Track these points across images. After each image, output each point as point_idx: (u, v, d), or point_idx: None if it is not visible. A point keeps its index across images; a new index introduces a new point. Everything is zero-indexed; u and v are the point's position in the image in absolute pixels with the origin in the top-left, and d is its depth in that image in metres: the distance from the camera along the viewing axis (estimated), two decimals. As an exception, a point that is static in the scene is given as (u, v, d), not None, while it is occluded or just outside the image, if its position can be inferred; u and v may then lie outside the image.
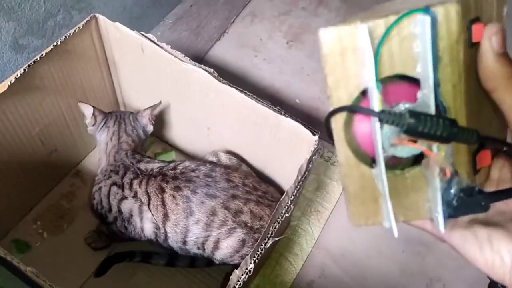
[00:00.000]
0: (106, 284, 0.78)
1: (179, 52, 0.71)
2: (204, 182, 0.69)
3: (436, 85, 0.26)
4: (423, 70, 0.26)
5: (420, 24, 0.26)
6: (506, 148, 0.29)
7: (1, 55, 0.78)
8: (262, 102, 0.68)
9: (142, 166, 0.75)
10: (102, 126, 0.80)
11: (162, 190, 0.69)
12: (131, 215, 0.70)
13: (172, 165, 0.74)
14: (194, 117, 0.82)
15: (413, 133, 0.26)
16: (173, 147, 0.96)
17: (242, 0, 1.32)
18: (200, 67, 0.69)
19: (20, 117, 0.69)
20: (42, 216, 0.85)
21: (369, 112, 0.27)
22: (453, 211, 0.28)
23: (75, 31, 0.69)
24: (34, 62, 0.64)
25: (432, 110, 0.26)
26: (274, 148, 0.72)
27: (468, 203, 0.28)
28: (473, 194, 0.28)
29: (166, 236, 0.70)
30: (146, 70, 0.79)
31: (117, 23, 0.73)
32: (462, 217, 0.29)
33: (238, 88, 0.68)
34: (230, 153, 0.80)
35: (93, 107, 0.78)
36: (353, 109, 0.28)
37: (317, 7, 1.35)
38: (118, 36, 0.74)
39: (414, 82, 0.27)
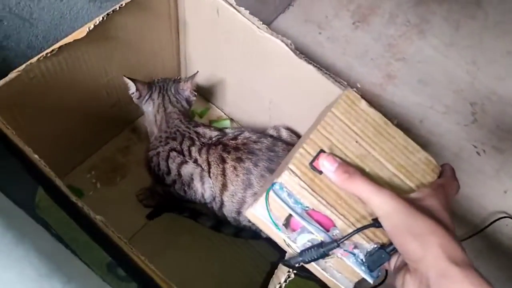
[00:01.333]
0: (153, 240, 0.79)
1: (257, 19, 0.68)
2: (266, 156, 0.68)
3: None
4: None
5: (274, 194, 0.45)
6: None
7: (76, 2, 0.78)
8: (340, 82, 0.65)
9: (200, 130, 0.74)
10: (148, 99, 0.79)
11: (223, 160, 0.69)
12: (192, 179, 0.70)
13: (231, 134, 0.73)
14: (257, 88, 0.80)
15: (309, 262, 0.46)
16: (228, 116, 0.95)
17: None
18: (278, 37, 0.66)
19: (91, 65, 0.69)
20: (97, 166, 0.86)
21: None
22: (370, 268, 0.44)
23: (154, -15, 0.67)
24: (113, 11, 0.63)
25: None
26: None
27: (375, 259, 0.44)
28: (374, 253, 0.44)
29: (222, 204, 0.70)
30: (217, 34, 0.77)
31: (196, -18, 0.71)
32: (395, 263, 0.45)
33: (315, 64, 0.66)
34: (289, 129, 0.78)
35: (134, 81, 0.77)
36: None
37: (389, -11, 1.28)
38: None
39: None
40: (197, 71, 0.80)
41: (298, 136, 0.78)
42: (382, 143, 0.48)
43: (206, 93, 0.96)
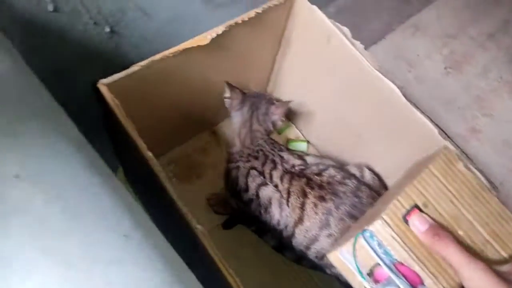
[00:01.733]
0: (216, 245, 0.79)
1: (369, 53, 0.67)
2: (350, 201, 0.67)
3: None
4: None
5: (364, 241, 0.45)
6: None
7: (192, 3, 0.80)
8: (440, 132, 0.63)
9: (285, 156, 0.74)
10: (237, 110, 0.80)
11: (305, 195, 0.68)
12: (270, 204, 0.70)
13: (315, 168, 0.72)
14: (348, 121, 0.79)
15: None
16: (305, 138, 0.95)
17: (409, 9, 1.25)
18: (389, 79, 0.66)
19: (201, 70, 0.71)
20: (176, 161, 0.88)
21: None
22: None
23: (275, 4, 0.68)
24: (235, 23, 0.65)
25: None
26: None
27: None
28: None
29: (292, 235, 0.70)
30: (320, 59, 0.77)
31: (314, 6, 0.71)
32: None
33: (420, 109, 0.64)
34: (372, 171, 0.77)
35: (232, 88, 0.78)
36: None
37: (486, 40, 1.24)
38: (308, 18, 0.73)
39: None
40: (292, 100, 0.79)
41: (381, 180, 0.76)
42: (477, 207, 0.48)
43: (289, 112, 0.96)
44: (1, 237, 0.31)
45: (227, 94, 0.79)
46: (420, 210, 0.47)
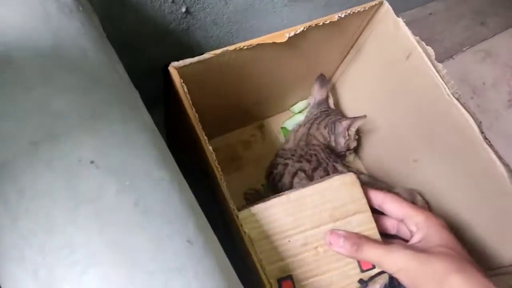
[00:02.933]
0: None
1: (452, 82, 0.63)
2: None
3: None
4: None
5: None
6: None
7: None
8: (506, 165, 0.59)
9: (339, 167, 0.71)
10: (312, 106, 0.79)
11: None
12: None
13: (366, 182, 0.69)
14: (407, 141, 0.76)
15: None
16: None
17: (484, 32, 1.18)
18: (466, 109, 0.61)
19: (268, 65, 0.69)
20: (219, 149, 0.87)
21: None
22: None
23: (359, 10, 0.65)
24: (315, 25, 0.62)
25: None
26: (488, 229, 0.64)
27: None
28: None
29: None
30: (392, 76, 0.73)
31: (400, 19, 0.67)
32: None
33: (488, 141, 0.60)
34: (423, 197, 0.73)
35: (323, 82, 0.78)
36: None
37: (561, 77, 1.16)
38: (390, 30, 0.69)
39: None
40: (365, 116, 0.74)
41: (430, 209, 0.72)
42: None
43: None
44: (69, 224, 0.30)
45: (317, 85, 0.79)
46: None
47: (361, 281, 0.52)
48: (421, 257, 0.46)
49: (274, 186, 0.75)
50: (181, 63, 0.55)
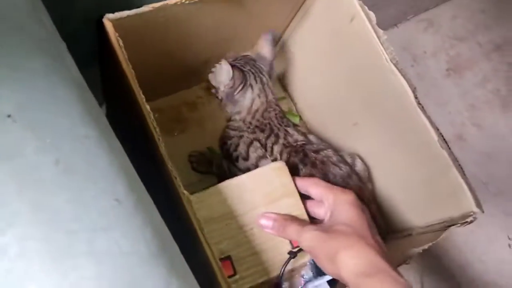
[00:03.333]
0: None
1: (392, 48, 0.65)
2: (338, 185, 0.66)
3: None
4: None
5: None
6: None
7: None
8: (443, 142, 0.63)
9: (290, 130, 0.72)
10: (243, 87, 0.72)
11: (296, 170, 0.67)
12: None
13: (315, 146, 0.71)
14: (348, 107, 0.78)
15: None
16: (299, 113, 0.93)
17: (427, 3, 1.22)
18: (403, 75, 0.64)
19: (212, 22, 0.67)
20: (162, 110, 0.85)
21: None
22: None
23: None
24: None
25: None
26: (419, 192, 0.68)
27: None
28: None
29: None
30: (336, 38, 0.74)
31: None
32: None
33: (424, 112, 0.63)
34: (363, 161, 0.76)
35: (232, 66, 0.69)
36: None
37: (492, 50, 1.23)
38: (336, -6, 0.69)
39: None
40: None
41: (369, 172, 0.76)
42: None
43: (287, 82, 0.93)
44: (-17, 183, 0.28)
45: (228, 75, 0.70)
46: None
47: (290, 252, 0.57)
48: (322, 236, 0.50)
49: (229, 156, 0.74)
50: (117, 15, 0.52)
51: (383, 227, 0.72)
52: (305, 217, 0.59)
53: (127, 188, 0.34)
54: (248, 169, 0.71)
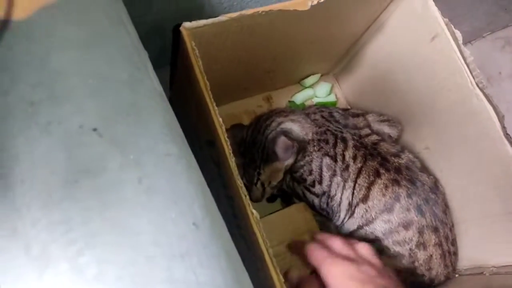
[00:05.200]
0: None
1: (478, 70, 0.60)
2: (425, 195, 0.63)
3: None
4: None
5: None
6: None
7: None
8: None
9: (350, 122, 0.71)
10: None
11: (378, 175, 0.64)
12: (336, 191, 0.67)
13: (393, 149, 0.67)
14: (418, 129, 0.73)
15: None
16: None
17: (507, 19, 1.13)
18: (489, 101, 0.58)
19: (284, 33, 0.64)
20: (223, 118, 0.83)
21: None
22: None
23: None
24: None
25: None
26: (497, 227, 0.62)
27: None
28: None
29: (351, 216, 0.66)
30: (412, 57, 0.69)
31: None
32: None
33: (509, 136, 0.58)
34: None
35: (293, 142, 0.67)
36: None
37: None
38: (417, 9, 0.64)
39: None
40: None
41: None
42: None
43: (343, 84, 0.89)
44: (66, 198, 0.27)
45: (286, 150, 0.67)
46: None
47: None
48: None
49: (303, 181, 0.71)
50: (194, 24, 0.51)
51: (453, 263, 0.66)
52: None
53: (204, 211, 0.32)
54: (323, 193, 0.68)
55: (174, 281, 0.28)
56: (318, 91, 0.89)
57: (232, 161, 0.47)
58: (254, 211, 0.45)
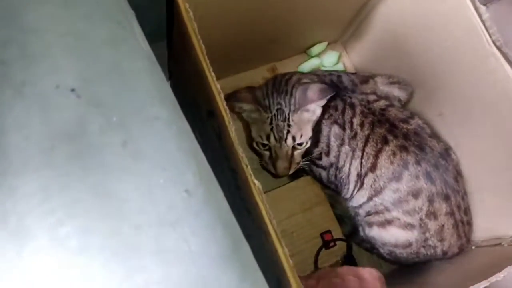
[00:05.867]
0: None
1: (495, 28, 0.55)
2: (434, 161, 0.60)
3: None
4: None
5: None
6: None
7: None
8: None
9: (358, 87, 0.67)
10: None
11: (385, 141, 0.61)
12: (344, 162, 0.64)
13: (401, 115, 0.64)
14: (431, 94, 0.69)
15: None
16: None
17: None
18: (507, 60, 0.54)
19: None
20: (226, 91, 0.80)
21: None
22: None
23: None
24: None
25: None
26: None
27: None
28: None
29: (360, 187, 0.64)
30: (423, 17, 0.65)
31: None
32: None
33: None
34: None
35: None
36: None
37: None
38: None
39: None
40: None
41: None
42: None
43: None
44: (43, 166, 0.25)
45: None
46: None
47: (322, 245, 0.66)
48: None
49: (309, 154, 0.69)
50: (186, -15, 0.47)
51: (467, 234, 0.63)
52: (335, 222, 0.69)
53: (197, 178, 0.29)
54: (331, 165, 0.66)
55: (163, 251, 0.25)
56: (325, 60, 0.85)
57: (232, 131, 0.44)
58: (256, 181, 0.42)
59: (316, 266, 0.64)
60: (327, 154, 0.65)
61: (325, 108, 0.65)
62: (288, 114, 0.64)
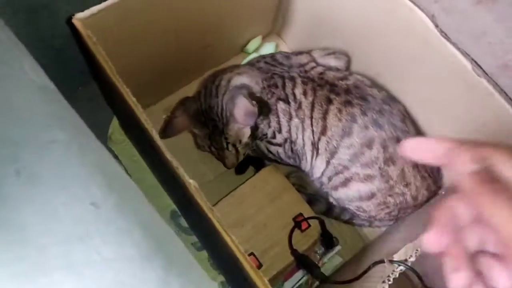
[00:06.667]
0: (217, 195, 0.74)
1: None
2: (379, 107, 0.61)
3: None
4: None
5: None
6: None
7: None
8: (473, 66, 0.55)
9: (293, 60, 0.69)
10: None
11: (329, 101, 0.63)
12: (297, 134, 0.66)
13: (339, 74, 0.66)
14: (365, 58, 0.70)
15: None
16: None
17: None
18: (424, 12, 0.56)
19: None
20: (171, 108, 0.81)
21: None
22: None
23: None
24: None
25: None
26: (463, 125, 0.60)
27: None
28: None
29: (317, 154, 0.65)
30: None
31: None
32: None
33: (449, 38, 0.56)
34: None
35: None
36: None
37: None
38: None
39: None
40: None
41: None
42: None
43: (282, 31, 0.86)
44: None
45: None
46: None
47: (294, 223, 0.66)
48: None
49: (264, 136, 0.70)
50: (86, 12, 0.48)
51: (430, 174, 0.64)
52: (305, 204, 0.69)
53: (105, 189, 0.30)
54: (285, 141, 0.68)
55: (72, 265, 0.26)
56: (264, 54, 0.86)
57: (156, 136, 0.45)
58: (191, 180, 0.43)
59: (292, 248, 0.64)
60: (279, 131, 0.67)
61: (266, 90, 0.67)
62: (223, 129, 0.67)
